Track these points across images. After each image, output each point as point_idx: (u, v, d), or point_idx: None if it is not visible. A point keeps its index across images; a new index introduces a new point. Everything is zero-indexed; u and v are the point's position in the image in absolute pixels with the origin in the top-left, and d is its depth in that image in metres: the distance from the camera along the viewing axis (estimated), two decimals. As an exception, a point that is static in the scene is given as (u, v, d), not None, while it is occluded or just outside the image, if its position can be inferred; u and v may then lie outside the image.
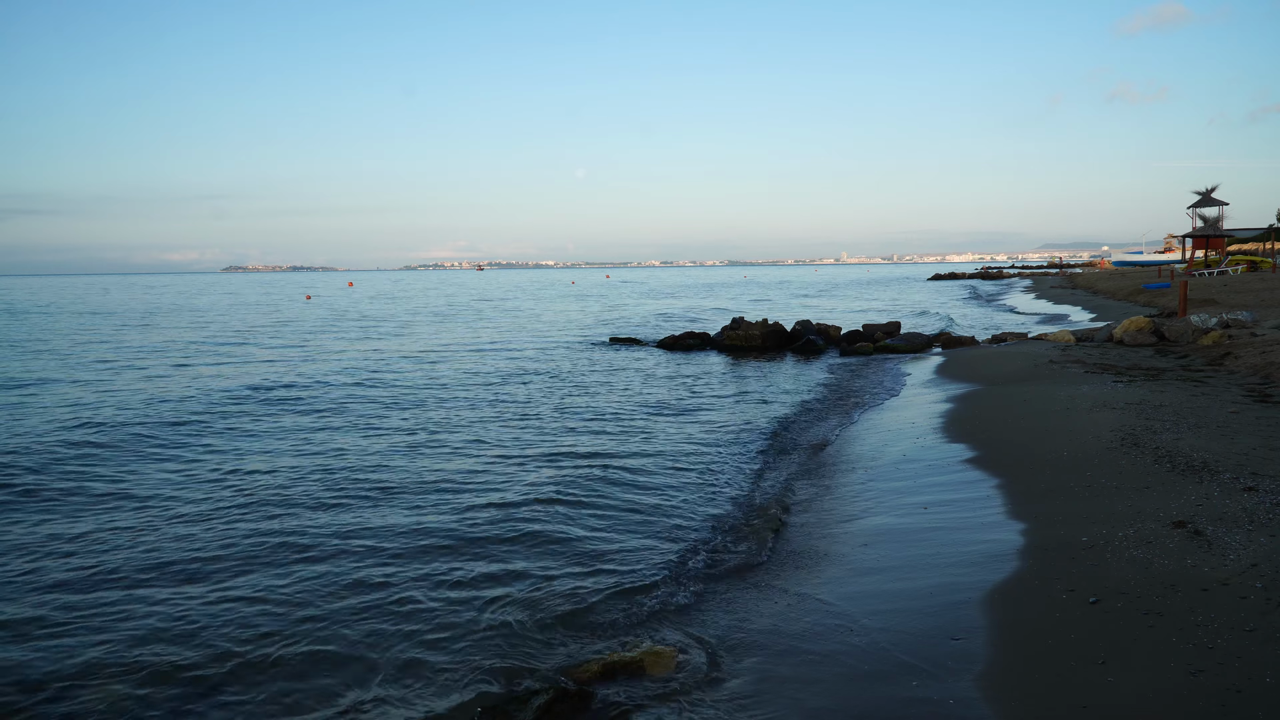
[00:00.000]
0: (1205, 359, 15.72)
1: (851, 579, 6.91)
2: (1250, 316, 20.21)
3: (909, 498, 9.02)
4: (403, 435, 13.29)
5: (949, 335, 24.07)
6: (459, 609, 6.59)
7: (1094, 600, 5.64)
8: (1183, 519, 6.80)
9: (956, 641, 5.50)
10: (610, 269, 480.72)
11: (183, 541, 8.20)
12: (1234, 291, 32.00)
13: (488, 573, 7.34)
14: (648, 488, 10.10)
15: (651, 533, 8.44)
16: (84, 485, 10.29)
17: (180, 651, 5.91)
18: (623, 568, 7.45)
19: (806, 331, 25.63)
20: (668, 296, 69.35)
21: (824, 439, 12.69)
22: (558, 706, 5.10)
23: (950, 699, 4.80)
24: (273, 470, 10.99)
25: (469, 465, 11.25)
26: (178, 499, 9.69)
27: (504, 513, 9.00)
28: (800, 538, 8.12)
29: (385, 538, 8.27)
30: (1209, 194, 61.98)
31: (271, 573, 7.40)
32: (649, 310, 49.70)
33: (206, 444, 12.69)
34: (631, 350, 26.21)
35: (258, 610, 6.60)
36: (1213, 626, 5.02)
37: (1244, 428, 9.67)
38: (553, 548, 7.97)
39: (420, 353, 26.51)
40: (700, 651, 5.80)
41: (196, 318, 47.15)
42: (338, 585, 7.10)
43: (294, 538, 8.30)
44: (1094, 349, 18.67)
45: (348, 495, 9.84)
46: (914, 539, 7.69)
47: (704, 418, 14.59)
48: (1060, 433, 10.43)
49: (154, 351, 27.26)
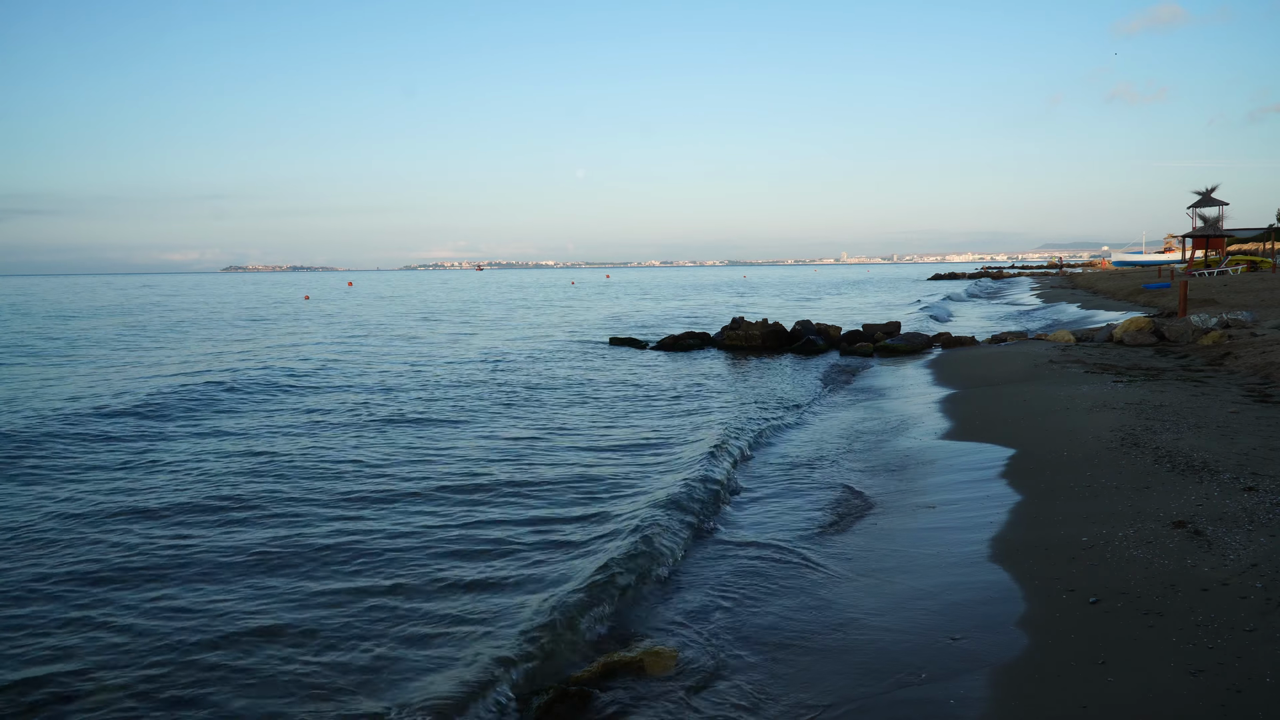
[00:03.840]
0: (1205, 359, 15.72)
1: (852, 577, 6.91)
2: (1250, 316, 20.22)
3: (911, 499, 9.03)
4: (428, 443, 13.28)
5: (949, 335, 24.08)
6: (457, 606, 6.59)
7: (1094, 600, 5.64)
8: (1183, 519, 6.80)
9: (957, 641, 5.50)
10: (610, 269, 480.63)
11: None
12: (1234, 291, 32.00)
13: (487, 570, 7.34)
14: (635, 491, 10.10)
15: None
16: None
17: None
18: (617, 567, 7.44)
19: (806, 331, 25.64)
20: (673, 298, 69.29)
21: (820, 435, 12.69)
22: (558, 706, 5.10)
23: (951, 698, 4.80)
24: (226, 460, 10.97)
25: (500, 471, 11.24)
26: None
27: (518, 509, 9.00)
28: (799, 537, 8.12)
29: (375, 537, 8.26)
30: (1209, 194, 61.98)
31: (262, 571, 7.39)
32: (677, 310, 49.70)
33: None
34: (642, 352, 26.23)
35: (241, 605, 6.59)
36: (1213, 626, 5.02)
37: (1244, 428, 9.67)
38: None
39: (427, 356, 26.50)
40: (700, 651, 5.80)
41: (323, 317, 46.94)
42: (327, 581, 7.08)
43: (270, 544, 8.29)
44: (1094, 349, 18.67)
45: (337, 495, 9.83)
46: (915, 538, 7.70)
47: (707, 415, 14.59)
48: (1060, 433, 10.43)
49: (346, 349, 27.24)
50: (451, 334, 34.37)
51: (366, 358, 24.92)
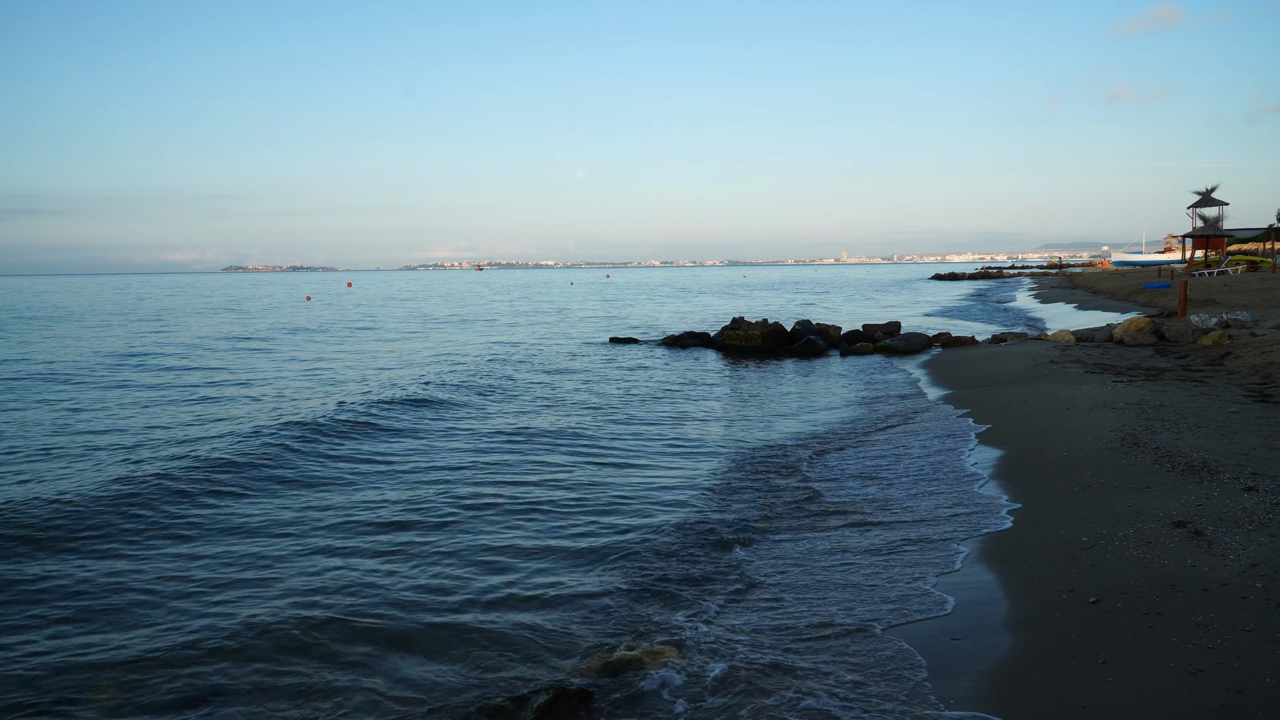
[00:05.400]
0: (1205, 359, 15.72)
1: (854, 577, 6.90)
2: (1250, 316, 20.21)
3: (912, 499, 9.02)
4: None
5: (949, 335, 24.06)
6: (456, 602, 6.59)
7: (1094, 600, 5.64)
8: (1183, 519, 6.80)
9: (957, 641, 5.50)
10: (610, 269, 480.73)
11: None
12: (1234, 291, 31.99)
13: (486, 565, 7.34)
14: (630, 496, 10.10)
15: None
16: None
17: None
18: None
19: (806, 331, 25.62)
20: (677, 299, 69.19)
21: (812, 437, 12.68)
22: (558, 706, 5.09)
23: (951, 698, 4.80)
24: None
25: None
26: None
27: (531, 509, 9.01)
28: (799, 537, 8.12)
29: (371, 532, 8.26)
30: (1209, 194, 61.93)
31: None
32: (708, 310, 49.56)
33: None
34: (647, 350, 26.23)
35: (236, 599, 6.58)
36: (1213, 626, 5.02)
37: (1244, 428, 9.67)
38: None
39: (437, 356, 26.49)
40: (700, 650, 5.79)
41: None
42: (321, 577, 7.09)
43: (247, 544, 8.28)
44: (1094, 349, 18.67)
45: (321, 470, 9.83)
46: (915, 535, 7.69)
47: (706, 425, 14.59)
48: (1060, 433, 10.43)
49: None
50: (459, 335, 34.34)
51: (370, 355, 24.90)
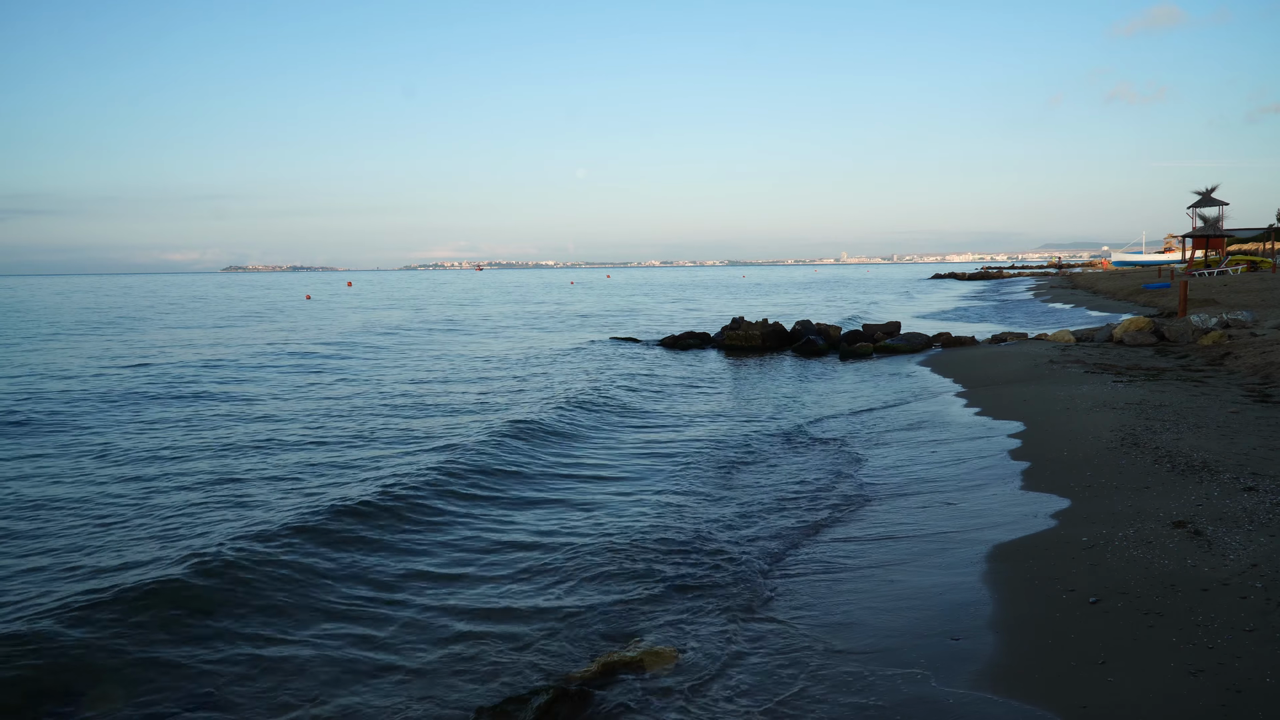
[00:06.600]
0: (1205, 359, 15.72)
1: (854, 577, 6.91)
2: (1250, 316, 20.22)
3: (914, 498, 9.02)
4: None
5: (949, 335, 24.06)
6: (456, 602, 6.59)
7: (1094, 600, 5.64)
8: (1183, 519, 6.80)
9: (957, 641, 5.50)
10: (610, 269, 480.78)
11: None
12: (1234, 291, 32.00)
13: (486, 563, 7.35)
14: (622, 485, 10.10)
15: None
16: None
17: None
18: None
19: (806, 331, 25.62)
20: (677, 300, 69.21)
21: (819, 440, 12.68)
22: (558, 706, 5.09)
23: (950, 698, 4.80)
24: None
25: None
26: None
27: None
28: (802, 539, 8.12)
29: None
30: (1209, 194, 61.95)
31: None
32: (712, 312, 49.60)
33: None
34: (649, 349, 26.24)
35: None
36: (1213, 626, 5.02)
37: (1244, 428, 9.67)
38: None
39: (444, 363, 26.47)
40: (700, 651, 5.79)
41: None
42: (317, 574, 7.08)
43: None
44: (1094, 349, 18.67)
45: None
46: (917, 537, 7.69)
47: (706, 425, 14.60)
48: (1060, 433, 10.43)
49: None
50: (467, 339, 34.35)
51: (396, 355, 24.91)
